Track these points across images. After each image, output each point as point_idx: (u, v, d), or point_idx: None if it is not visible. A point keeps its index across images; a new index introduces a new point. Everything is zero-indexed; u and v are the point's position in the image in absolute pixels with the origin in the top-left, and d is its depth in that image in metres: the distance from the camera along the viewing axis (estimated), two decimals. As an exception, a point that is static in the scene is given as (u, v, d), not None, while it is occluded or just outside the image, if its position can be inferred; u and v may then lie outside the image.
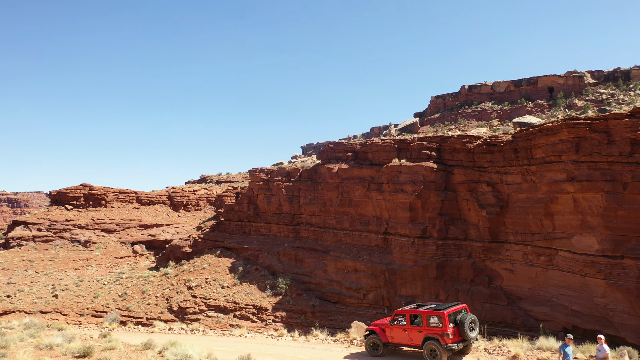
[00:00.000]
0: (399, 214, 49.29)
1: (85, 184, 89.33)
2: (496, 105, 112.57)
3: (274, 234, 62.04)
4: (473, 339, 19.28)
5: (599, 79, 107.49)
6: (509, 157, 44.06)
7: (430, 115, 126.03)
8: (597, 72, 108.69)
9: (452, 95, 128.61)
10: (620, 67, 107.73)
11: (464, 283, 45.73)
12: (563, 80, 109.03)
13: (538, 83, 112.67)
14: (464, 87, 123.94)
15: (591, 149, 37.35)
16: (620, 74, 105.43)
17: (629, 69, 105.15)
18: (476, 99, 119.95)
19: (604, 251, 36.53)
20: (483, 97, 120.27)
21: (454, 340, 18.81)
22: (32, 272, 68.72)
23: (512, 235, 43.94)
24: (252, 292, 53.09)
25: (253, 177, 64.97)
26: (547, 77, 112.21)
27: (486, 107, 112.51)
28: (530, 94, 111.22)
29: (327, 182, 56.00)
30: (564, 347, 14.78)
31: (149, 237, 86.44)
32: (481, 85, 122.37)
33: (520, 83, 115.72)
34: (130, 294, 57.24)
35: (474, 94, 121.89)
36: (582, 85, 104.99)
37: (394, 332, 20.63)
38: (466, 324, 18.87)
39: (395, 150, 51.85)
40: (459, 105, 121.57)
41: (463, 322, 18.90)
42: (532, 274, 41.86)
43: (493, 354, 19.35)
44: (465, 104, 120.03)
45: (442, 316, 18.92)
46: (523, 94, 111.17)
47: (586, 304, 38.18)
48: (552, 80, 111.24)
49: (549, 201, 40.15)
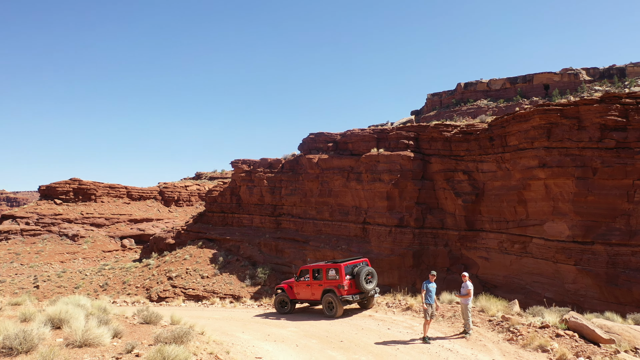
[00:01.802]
0: (376, 203, 49.11)
1: (75, 179, 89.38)
2: (492, 103, 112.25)
3: (256, 225, 61.92)
4: (370, 291, 19.11)
5: (594, 76, 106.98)
6: (484, 145, 43.81)
7: (427, 113, 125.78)
8: (592, 70, 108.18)
9: (448, 92, 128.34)
10: (616, 64, 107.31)
11: (441, 272, 45.35)
12: (558, 78, 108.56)
13: (534, 80, 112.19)
14: (459, 84, 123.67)
15: (562, 135, 37.06)
16: (615, 71, 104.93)
17: (624, 66, 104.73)
18: (472, 97, 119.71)
19: (575, 237, 36.22)
20: (479, 94, 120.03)
21: (350, 292, 18.75)
22: (17, 265, 68.86)
23: (488, 224, 43.68)
24: (232, 282, 52.99)
25: (236, 168, 64.89)
26: (542, 74, 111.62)
27: (482, 105, 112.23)
28: (525, 91, 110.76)
29: (308, 173, 55.86)
30: (427, 283, 14.86)
31: (138, 232, 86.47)
32: (477, 83, 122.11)
33: (516, 80, 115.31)
34: (111, 284, 57.25)
35: (469, 92, 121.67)
36: (578, 83, 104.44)
37: (299, 288, 20.81)
38: (362, 275, 18.71)
39: (375, 140, 51.65)
40: (454, 102, 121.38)
41: (359, 274, 18.75)
42: (506, 261, 41.59)
43: (392, 307, 19.28)
44: (461, 102, 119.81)
45: (339, 268, 18.96)
46: (519, 92, 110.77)
47: (558, 290, 37.85)
48: (548, 78, 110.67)
49: (522, 188, 39.90)
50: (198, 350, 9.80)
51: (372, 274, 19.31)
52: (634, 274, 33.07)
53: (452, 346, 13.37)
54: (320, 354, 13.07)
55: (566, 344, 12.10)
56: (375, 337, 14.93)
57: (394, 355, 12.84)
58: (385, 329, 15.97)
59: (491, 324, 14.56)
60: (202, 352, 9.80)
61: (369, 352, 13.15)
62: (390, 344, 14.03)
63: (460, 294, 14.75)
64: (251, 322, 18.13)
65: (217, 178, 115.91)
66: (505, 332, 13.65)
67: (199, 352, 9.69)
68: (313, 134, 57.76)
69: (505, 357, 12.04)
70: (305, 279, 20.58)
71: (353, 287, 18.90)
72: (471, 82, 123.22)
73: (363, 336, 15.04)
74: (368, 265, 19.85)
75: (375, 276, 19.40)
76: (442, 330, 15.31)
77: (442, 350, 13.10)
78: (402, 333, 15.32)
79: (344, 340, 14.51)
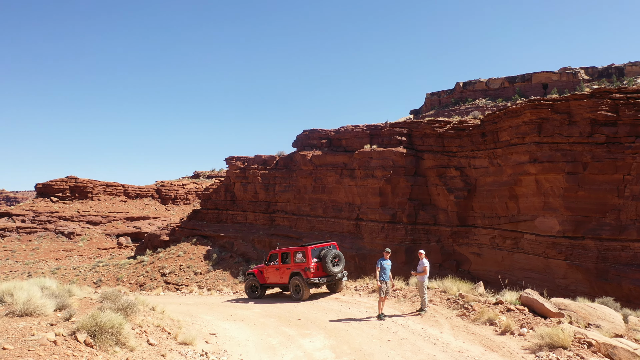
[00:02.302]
0: (369, 199, 49.07)
1: (72, 177, 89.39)
2: (490, 102, 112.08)
3: (250, 221, 61.92)
4: (337, 274, 19.10)
5: (593, 76, 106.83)
6: (477, 141, 43.75)
7: (426, 112, 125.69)
8: (591, 69, 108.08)
9: (447, 92, 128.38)
10: (614, 64, 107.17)
11: (433, 268, 45.10)
12: (557, 77, 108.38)
13: (532, 79, 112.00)
14: (458, 84, 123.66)
15: (553, 130, 36.96)
16: (614, 70, 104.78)
17: (623, 65, 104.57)
18: (470, 96, 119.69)
19: (565, 232, 36.14)
20: (477, 93, 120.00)
21: (317, 275, 18.77)
22: (12, 262, 68.84)
23: (480, 220, 43.62)
24: (225, 279, 52.94)
25: (230, 165, 64.86)
26: (541, 73, 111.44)
27: (480, 104, 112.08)
28: (524, 90, 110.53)
29: (302, 170, 55.83)
30: (382, 261, 14.99)
31: (134, 230, 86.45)
32: (475, 82, 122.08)
33: (515, 80, 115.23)
34: (105, 280, 57.23)
35: (468, 91, 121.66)
36: (576, 82, 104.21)
37: (269, 272, 20.78)
38: (328, 258, 18.70)
39: (368, 137, 51.62)
40: (453, 102, 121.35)
41: (326, 257, 18.75)
42: (498, 257, 41.51)
43: (359, 290, 19.39)
44: (459, 101, 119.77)
45: (306, 251, 19.00)
46: (517, 91, 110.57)
47: (549, 286, 37.62)
48: (546, 77, 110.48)
49: (514, 184, 39.81)
50: (143, 322, 9.79)
51: (339, 257, 19.30)
52: (623, 269, 32.99)
53: (405, 322, 13.55)
54: (274, 330, 13.22)
55: (514, 317, 12.18)
56: (334, 315, 15.12)
57: (345, 330, 12.99)
58: (346, 309, 16.19)
59: (449, 302, 14.66)
60: (150, 325, 9.80)
61: (321, 328, 13.34)
62: (346, 321, 14.22)
63: (417, 272, 14.84)
64: (219, 306, 18.23)
65: (215, 177, 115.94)
66: (460, 308, 13.73)
67: (145, 325, 9.68)
68: (307, 131, 57.73)
69: (454, 330, 12.16)
70: (275, 263, 20.53)
71: (320, 270, 18.92)
72: (470, 81, 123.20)
73: (322, 315, 15.21)
74: (336, 249, 19.80)
75: (342, 259, 19.40)
76: (400, 309, 15.46)
77: (393, 325, 13.25)
78: (362, 312, 15.51)
79: (302, 319, 14.70)
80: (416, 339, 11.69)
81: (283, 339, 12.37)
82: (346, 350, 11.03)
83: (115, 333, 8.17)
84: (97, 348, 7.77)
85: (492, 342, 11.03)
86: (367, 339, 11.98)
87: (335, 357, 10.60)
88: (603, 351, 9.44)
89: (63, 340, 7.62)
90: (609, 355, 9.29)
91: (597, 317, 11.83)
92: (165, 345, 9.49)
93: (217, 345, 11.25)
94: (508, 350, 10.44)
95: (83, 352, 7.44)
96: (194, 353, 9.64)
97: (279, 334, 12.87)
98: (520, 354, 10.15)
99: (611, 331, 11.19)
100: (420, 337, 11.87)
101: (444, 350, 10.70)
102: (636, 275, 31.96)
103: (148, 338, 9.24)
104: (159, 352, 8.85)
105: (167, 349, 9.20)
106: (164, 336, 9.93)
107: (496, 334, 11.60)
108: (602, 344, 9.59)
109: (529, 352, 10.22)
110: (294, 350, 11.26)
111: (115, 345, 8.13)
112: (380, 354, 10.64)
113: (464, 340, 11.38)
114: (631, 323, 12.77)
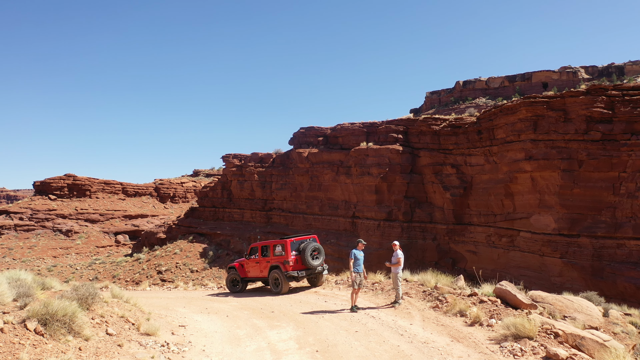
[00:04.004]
0: (365, 197, 48.85)
1: (70, 174, 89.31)
2: (490, 101, 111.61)
3: (247, 219, 61.78)
4: (317, 268, 18.89)
5: (593, 75, 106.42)
6: (472, 138, 43.51)
7: (426, 111, 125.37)
8: (591, 68, 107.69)
9: (447, 91, 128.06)
10: (615, 63, 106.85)
11: (429, 265, 45.03)
12: (557, 76, 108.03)
13: (532, 78, 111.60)
14: (458, 82, 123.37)
15: (548, 127, 36.71)
16: (614, 69, 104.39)
17: (623, 64, 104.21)
18: (470, 95, 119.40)
19: (561, 230, 35.93)
20: (477, 92, 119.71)
21: (296, 268, 18.56)
22: (10, 259, 68.79)
23: (476, 217, 43.38)
24: (221, 276, 52.70)
25: (227, 163, 64.72)
26: (541, 72, 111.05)
27: (480, 103, 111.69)
28: (524, 89, 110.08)
29: (298, 167, 55.65)
30: (355, 252, 14.89)
31: (132, 228, 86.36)
32: (475, 81, 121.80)
33: (515, 79, 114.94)
34: (101, 278, 57.07)
35: (468, 90, 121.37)
36: (576, 81, 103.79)
37: (250, 266, 20.58)
38: (307, 251, 18.49)
39: (364, 134, 51.44)
40: (453, 100, 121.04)
41: (305, 250, 18.55)
42: (494, 255, 41.26)
43: (340, 283, 19.25)
44: (459, 100, 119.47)
45: (285, 244, 18.82)
46: (517, 90, 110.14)
47: (545, 284, 37.43)
48: (546, 76, 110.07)
49: (509, 181, 39.58)
50: (106, 312, 9.63)
51: (319, 250, 19.12)
52: (618, 267, 32.73)
53: (377, 314, 13.38)
54: (244, 322, 13.06)
55: (485, 308, 12.02)
56: (308, 308, 14.95)
57: (315, 322, 12.85)
58: (322, 302, 16.04)
59: (424, 294, 14.49)
60: (112, 316, 9.61)
61: (292, 320, 13.20)
62: (318, 313, 14.07)
63: (391, 263, 14.72)
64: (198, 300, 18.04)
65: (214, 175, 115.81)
66: (434, 300, 13.56)
67: (108, 315, 9.52)
68: (304, 128, 57.54)
69: (424, 322, 12.00)
70: (255, 256, 20.33)
71: (299, 264, 18.71)
72: (470, 80, 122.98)
73: (296, 308, 15.04)
74: (316, 242, 19.62)
75: (322, 252, 19.23)
76: (375, 301, 15.29)
77: (364, 317, 13.09)
78: (337, 305, 15.33)
79: (275, 311, 14.53)
80: (384, 330, 11.55)
81: (251, 330, 12.23)
82: (310, 341, 10.89)
83: (68, 322, 7.99)
84: (47, 336, 7.62)
85: (459, 333, 10.90)
86: (334, 330, 11.84)
87: (298, 347, 10.46)
88: (570, 342, 9.26)
89: (11, 328, 7.46)
90: (576, 346, 9.11)
91: (573, 309, 11.67)
92: (125, 335, 9.31)
93: (184, 336, 11.08)
94: (474, 341, 10.30)
95: (31, 339, 7.26)
96: (154, 343, 9.46)
97: (249, 325, 12.72)
98: (485, 344, 10.01)
99: (586, 323, 11.03)
100: (389, 328, 11.72)
101: (409, 341, 10.56)
102: (631, 273, 31.69)
103: (107, 328, 9.07)
104: (116, 342, 8.67)
105: (126, 339, 9.01)
106: (127, 327, 9.77)
107: (465, 325, 11.49)
108: (569, 335, 9.42)
109: (494, 342, 10.09)
110: (258, 341, 11.11)
111: (68, 334, 7.96)
112: (343, 345, 10.50)
113: (432, 331, 11.26)
114: (612, 317, 12.59)
